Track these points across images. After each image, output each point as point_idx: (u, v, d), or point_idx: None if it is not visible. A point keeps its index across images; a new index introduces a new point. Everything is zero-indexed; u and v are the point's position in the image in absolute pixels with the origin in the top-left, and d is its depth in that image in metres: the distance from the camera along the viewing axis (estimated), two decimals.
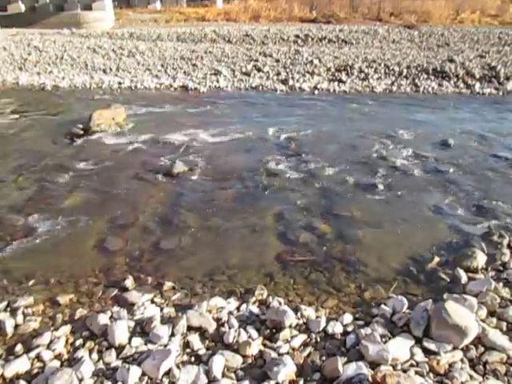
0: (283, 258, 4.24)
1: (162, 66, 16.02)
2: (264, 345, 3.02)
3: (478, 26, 28.38)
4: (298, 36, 22.81)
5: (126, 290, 3.72)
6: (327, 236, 4.68)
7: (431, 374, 2.70)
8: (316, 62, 15.74)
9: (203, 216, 5.16)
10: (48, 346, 3.02)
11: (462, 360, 2.81)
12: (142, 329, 3.15)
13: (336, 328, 3.13)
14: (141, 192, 5.91)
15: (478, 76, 13.62)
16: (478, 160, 7.05)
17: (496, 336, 2.95)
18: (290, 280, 3.90)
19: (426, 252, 4.33)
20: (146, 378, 2.70)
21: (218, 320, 3.24)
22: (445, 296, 3.46)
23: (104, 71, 15.41)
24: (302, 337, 3.08)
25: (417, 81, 13.57)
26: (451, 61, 15.45)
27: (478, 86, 12.93)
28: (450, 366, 2.76)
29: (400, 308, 3.31)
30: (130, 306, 3.47)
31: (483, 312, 3.26)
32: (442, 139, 8.02)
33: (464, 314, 2.95)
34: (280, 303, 3.46)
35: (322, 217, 5.12)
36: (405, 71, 14.31)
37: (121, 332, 3.04)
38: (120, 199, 5.69)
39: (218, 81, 13.86)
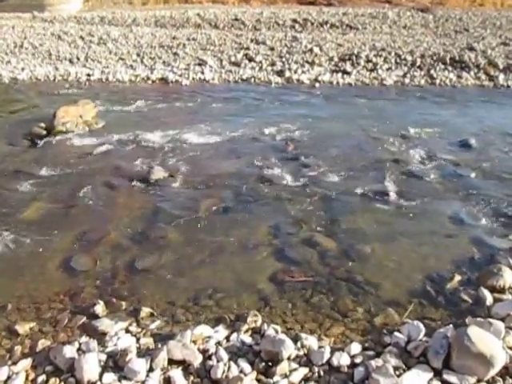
0: (280, 279, 4.24)
1: (138, 55, 16.06)
2: (258, 380, 3.01)
3: (501, 9, 28.84)
4: (295, 20, 23.02)
5: (96, 317, 3.69)
6: (331, 252, 4.69)
7: None
8: (316, 50, 15.87)
9: (186, 230, 5.15)
10: (5, 383, 3.00)
11: None
12: (116, 362, 3.12)
13: (342, 359, 3.13)
14: (113, 202, 5.89)
15: (501, 66, 13.81)
16: (504, 163, 7.12)
17: None
18: (287, 304, 3.89)
19: (445, 270, 4.35)
20: None
21: (204, 352, 3.22)
22: (467, 320, 3.47)
23: (70, 61, 15.40)
24: (303, 370, 3.06)
25: (432, 72, 13.73)
26: (471, 49, 15.66)
27: (501, 77, 13.10)
28: None
29: (416, 335, 3.31)
30: (100, 336, 3.43)
31: (511, 338, 3.27)
32: (462, 139, 8.09)
33: (489, 340, 2.96)
34: (277, 331, 3.45)
35: (324, 230, 5.13)
36: (418, 61, 14.47)
37: (90, 366, 3.00)
38: (89, 211, 5.66)
39: (202, 72, 13.90)
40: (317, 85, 12.89)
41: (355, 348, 3.27)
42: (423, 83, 13.03)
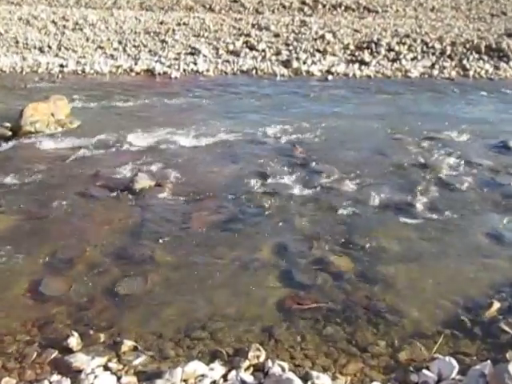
0: (287, 306, 4.23)
1: (120, 42, 16.15)
2: None
3: None
4: (304, 2, 23.17)
5: (69, 351, 3.68)
6: (346, 275, 4.67)
7: None
8: (329, 36, 15.96)
9: (176, 248, 5.15)
10: None
11: None
12: None
13: None
14: (90, 215, 5.90)
15: None
16: None
17: None
18: (296, 336, 3.88)
19: (481, 295, 4.33)
20: None
21: None
22: (508, 355, 3.46)
23: (41, 50, 15.49)
24: None
25: (465, 62, 13.78)
26: (510, 35, 15.73)
27: None
28: None
29: (448, 373, 3.30)
30: (74, 374, 3.42)
31: None
32: (501, 141, 8.12)
33: None
34: (283, 369, 3.44)
35: (338, 248, 5.12)
36: (449, 49, 14.54)
37: None
38: (62, 225, 5.66)
39: (195, 63, 13.98)
40: (329, 77, 12.94)
41: None
42: (454, 75, 13.08)
